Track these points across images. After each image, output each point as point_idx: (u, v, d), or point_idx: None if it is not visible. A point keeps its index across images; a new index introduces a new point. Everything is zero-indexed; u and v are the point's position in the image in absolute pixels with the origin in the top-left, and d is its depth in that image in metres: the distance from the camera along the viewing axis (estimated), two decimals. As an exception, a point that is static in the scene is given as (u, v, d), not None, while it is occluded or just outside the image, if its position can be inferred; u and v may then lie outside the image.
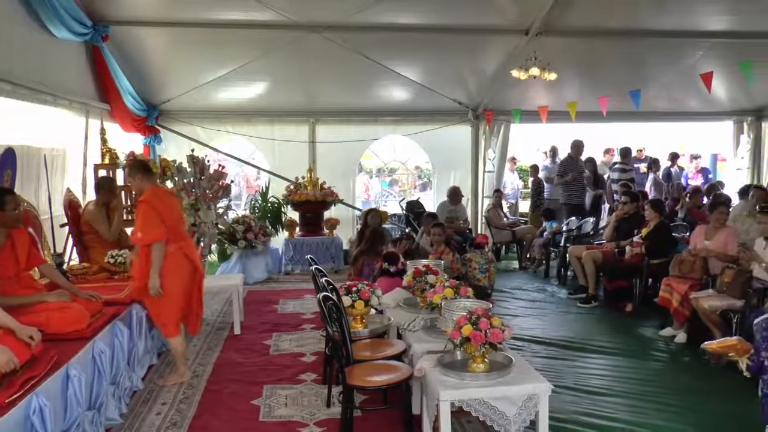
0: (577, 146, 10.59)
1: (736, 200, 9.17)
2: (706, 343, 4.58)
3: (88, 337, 4.09)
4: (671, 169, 12.08)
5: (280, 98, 10.00)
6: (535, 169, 12.28)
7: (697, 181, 12.40)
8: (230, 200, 8.26)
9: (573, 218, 9.96)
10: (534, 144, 15.07)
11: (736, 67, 8.35)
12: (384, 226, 8.65)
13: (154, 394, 4.89)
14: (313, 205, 9.90)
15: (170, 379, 5.12)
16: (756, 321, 3.79)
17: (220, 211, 7.82)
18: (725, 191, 10.61)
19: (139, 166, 5.21)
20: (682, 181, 12.48)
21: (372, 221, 7.95)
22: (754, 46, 8.51)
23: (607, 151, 12.83)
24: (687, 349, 5.98)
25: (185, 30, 7.91)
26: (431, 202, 11.30)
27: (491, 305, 3.82)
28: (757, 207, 6.82)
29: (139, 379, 4.98)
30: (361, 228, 8.33)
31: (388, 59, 8.78)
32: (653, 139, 14.44)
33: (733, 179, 12.19)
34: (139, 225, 4.83)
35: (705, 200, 9.62)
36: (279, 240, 10.21)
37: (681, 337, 6.22)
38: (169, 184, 7.37)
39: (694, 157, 13.37)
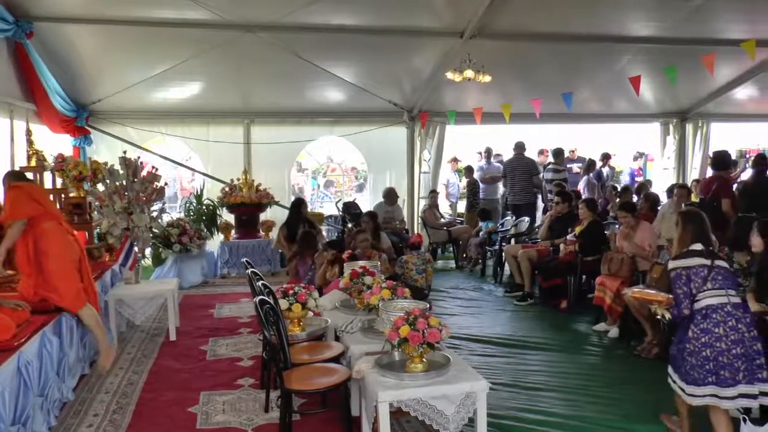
0: (520, 147, 10.85)
1: (664, 199, 9.54)
2: (630, 291, 4.81)
3: (12, 348, 3.91)
4: (602, 169, 12.43)
5: (214, 99, 9.84)
6: (469, 170, 12.45)
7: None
8: (164, 203, 8.08)
9: (525, 218, 10.14)
10: (474, 145, 15.28)
11: (662, 71, 8.69)
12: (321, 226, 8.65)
13: (86, 405, 4.73)
14: (248, 208, 9.79)
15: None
16: (671, 270, 3.95)
17: (154, 214, 7.60)
18: (653, 190, 11.03)
19: (13, 175, 5.41)
20: (628, 179, 12.91)
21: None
22: (678, 51, 8.86)
23: (541, 152, 13.11)
24: (620, 344, 6.18)
25: (116, 28, 7.68)
26: (367, 203, 11.32)
27: (428, 305, 3.84)
28: (682, 205, 7.12)
29: (69, 389, 4.78)
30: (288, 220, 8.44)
31: (323, 60, 8.74)
32: (585, 140, 14.84)
33: (661, 179, 12.70)
34: (9, 205, 4.83)
35: (635, 198, 9.97)
36: (214, 243, 10.07)
37: (614, 332, 6.41)
38: (100, 187, 7.14)
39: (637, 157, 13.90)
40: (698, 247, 3.89)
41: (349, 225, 9.44)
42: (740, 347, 3.63)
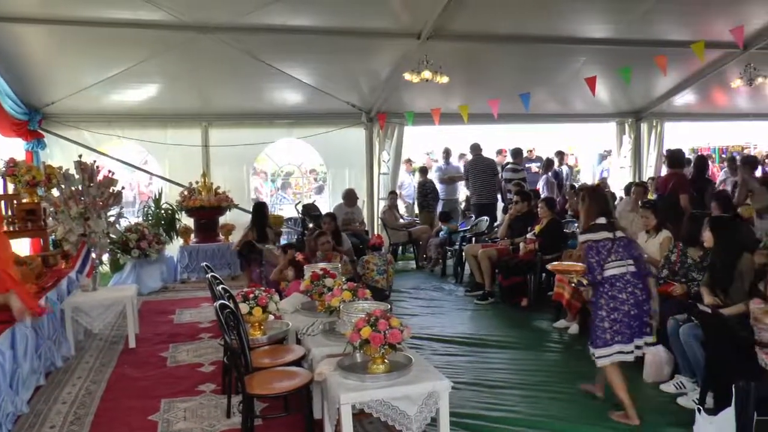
0: (478, 148, 10.98)
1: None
2: (551, 264, 5.02)
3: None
4: (560, 168, 12.64)
5: (171, 101, 9.71)
6: (423, 170, 12.53)
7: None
8: (122, 208, 7.91)
9: (485, 217, 10.23)
10: (426, 146, 15.42)
11: (617, 72, 8.86)
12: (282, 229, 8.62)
13: (42, 417, 4.60)
14: (207, 211, 9.70)
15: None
16: (583, 243, 4.39)
17: (111, 219, 7.47)
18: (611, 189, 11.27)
19: None
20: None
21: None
22: (632, 53, 9.05)
23: (499, 152, 13.27)
24: (580, 340, 6.25)
25: (68, 28, 7.48)
26: (327, 204, 11.30)
27: (389, 306, 3.85)
28: (639, 203, 7.27)
29: (24, 402, 4.65)
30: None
31: (281, 61, 8.69)
32: (544, 140, 15.06)
33: (618, 177, 12.96)
34: None
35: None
36: (174, 248, 9.93)
37: (574, 328, 6.52)
38: (55, 192, 6.98)
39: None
40: (602, 220, 4.35)
41: (310, 226, 9.40)
42: (636, 309, 4.27)
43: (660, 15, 8.28)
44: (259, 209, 8.89)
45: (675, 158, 8.33)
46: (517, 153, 11.41)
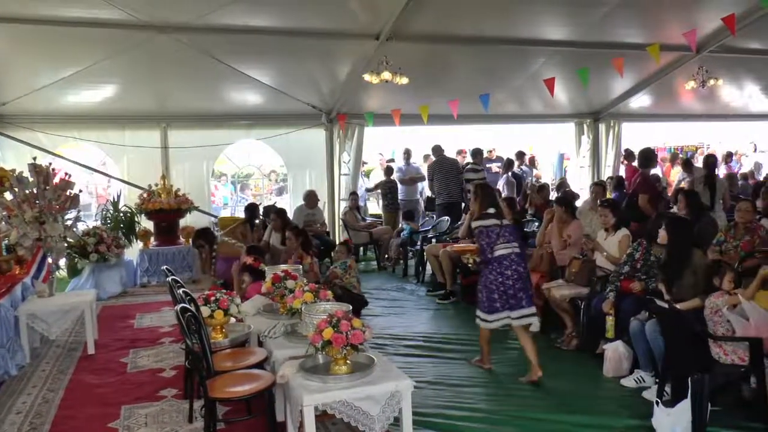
0: (440, 149, 11.08)
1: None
2: (450, 247, 5.28)
3: None
4: (520, 167, 12.80)
5: (130, 102, 9.53)
6: (388, 170, 12.57)
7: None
8: (79, 211, 7.77)
9: (445, 217, 10.28)
10: (384, 147, 15.51)
11: (575, 74, 9.01)
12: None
13: (-6, 426, 4.50)
14: (167, 214, 9.54)
15: None
16: (475, 228, 5.17)
17: (68, 223, 7.33)
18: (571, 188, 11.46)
19: None
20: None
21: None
22: (590, 55, 9.21)
23: (459, 152, 13.37)
24: (541, 337, 6.32)
25: (22, 27, 7.25)
26: (288, 206, 11.23)
27: (351, 307, 3.86)
28: (598, 202, 7.40)
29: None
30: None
31: (240, 62, 8.61)
32: (504, 140, 15.24)
33: (577, 177, 13.19)
34: None
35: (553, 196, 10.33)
36: (133, 251, 9.75)
37: (535, 326, 6.55)
38: (8, 195, 6.80)
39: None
40: (492, 210, 5.20)
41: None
42: (521, 283, 5.11)
43: (617, 18, 8.43)
44: (251, 210, 9.03)
45: (644, 157, 8.52)
46: (476, 153, 11.51)
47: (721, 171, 12.68)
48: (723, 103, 12.91)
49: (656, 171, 11.63)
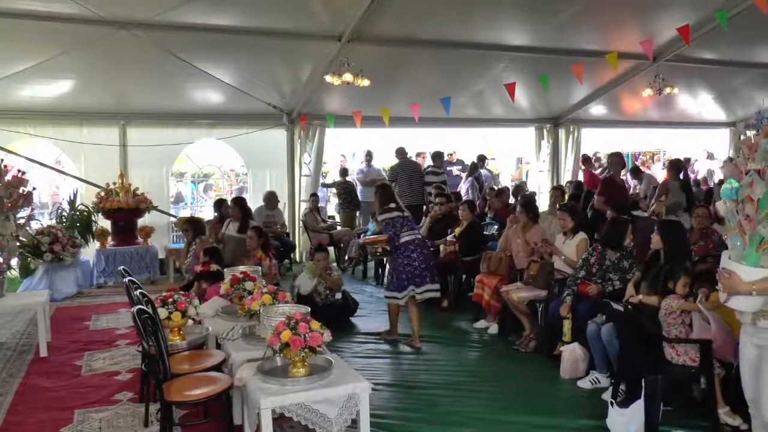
0: (403, 152, 11.11)
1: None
2: (363, 238, 5.94)
3: None
4: (480, 171, 12.92)
5: (88, 99, 9.32)
6: (344, 171, 12.60)
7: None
8: (33, 209, 7.58)
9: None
10: (345, 148, 15.53)
11: (536, 79, 9.14)
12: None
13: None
14: (125, 213, 9.41)
15: None
16: (382, 221, 6.16)
17: (21, 221, 7.14)
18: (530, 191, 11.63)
19: None
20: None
21: None
22: (550, 61, 9.35)
23: (419, 155, 13.44)
24: (499, 339, 6.46)
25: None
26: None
27: (309, 309, 3.85)
28: (557, 206, 7.52)
29: None
30: None
31: (202, 60, 8.49)
32: (464, 144, 15.37)
33: (537, 181, 13.39)
34: None
35: (512, 200, 10.45)
36: (90, 251, 9.57)
37: (493, 328, 6.68)
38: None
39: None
40: (393, 205, 6.18)
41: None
42: (425, 263, 6.06)
43: (577, 26, 8.57)
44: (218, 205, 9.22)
45: (609, 162, 8.89)
46: (437, 156, 11.59)
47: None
48: (678, 110, 13.26)
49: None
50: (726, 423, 4.20)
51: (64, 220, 9.63)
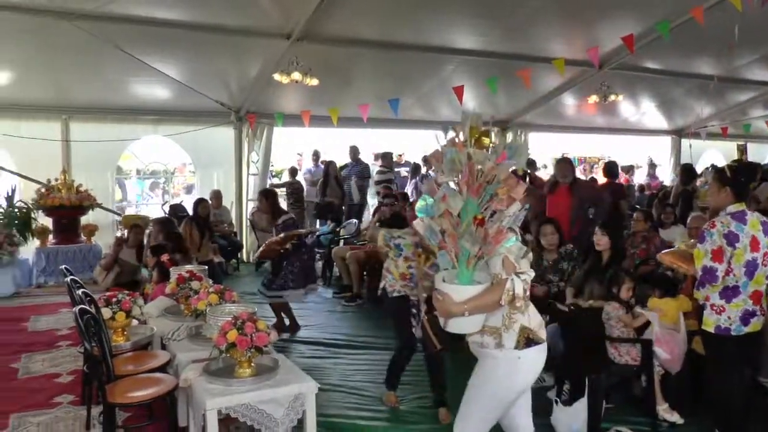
0: (356, 151, 11.21)
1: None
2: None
3: None
4: (427, 173, 13.03)
5: (27, 91, 8.99)
6: (293, 171, 12.58)
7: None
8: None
9: (353, 220, 10.33)
10: (294, 148, 15.51)
11: (484, 82, 9.27)
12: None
13: None
14: (68, 211, 9.15)
15: None
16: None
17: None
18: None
19: None
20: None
21: None
22: (499, 65, 9.49)
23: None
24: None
25: None
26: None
27: (256, 309, 3.83)
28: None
29: None
30: None
31: (148, 55, 8.26)
32: (413, 145, 15.47)
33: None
34: None
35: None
36: (29, 249, 9.26)
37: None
38: None
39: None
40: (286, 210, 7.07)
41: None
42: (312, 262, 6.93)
43: (526, 31, 8.71)
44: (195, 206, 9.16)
45: (607, 170, 9.56)
46: (385, 156, 11.65)
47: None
48: (622, 117, 13.64)
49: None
50: (664, 419, 4.36)
51: (1, 217, 9.28)
